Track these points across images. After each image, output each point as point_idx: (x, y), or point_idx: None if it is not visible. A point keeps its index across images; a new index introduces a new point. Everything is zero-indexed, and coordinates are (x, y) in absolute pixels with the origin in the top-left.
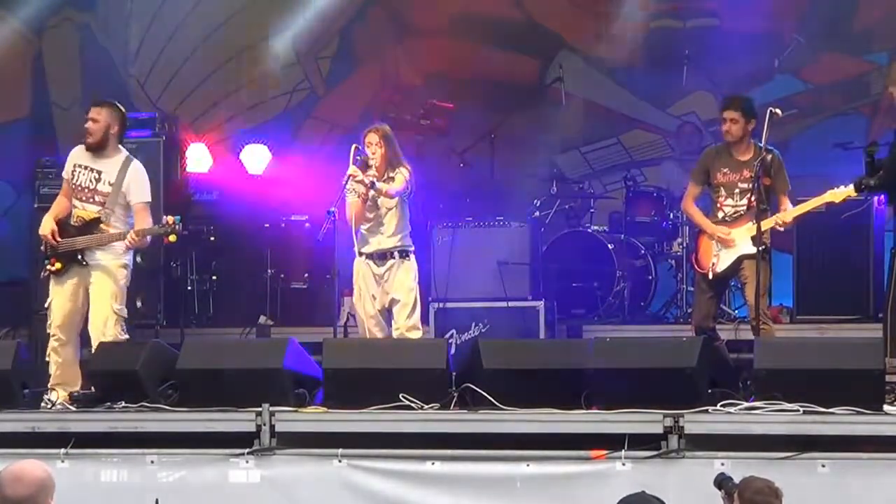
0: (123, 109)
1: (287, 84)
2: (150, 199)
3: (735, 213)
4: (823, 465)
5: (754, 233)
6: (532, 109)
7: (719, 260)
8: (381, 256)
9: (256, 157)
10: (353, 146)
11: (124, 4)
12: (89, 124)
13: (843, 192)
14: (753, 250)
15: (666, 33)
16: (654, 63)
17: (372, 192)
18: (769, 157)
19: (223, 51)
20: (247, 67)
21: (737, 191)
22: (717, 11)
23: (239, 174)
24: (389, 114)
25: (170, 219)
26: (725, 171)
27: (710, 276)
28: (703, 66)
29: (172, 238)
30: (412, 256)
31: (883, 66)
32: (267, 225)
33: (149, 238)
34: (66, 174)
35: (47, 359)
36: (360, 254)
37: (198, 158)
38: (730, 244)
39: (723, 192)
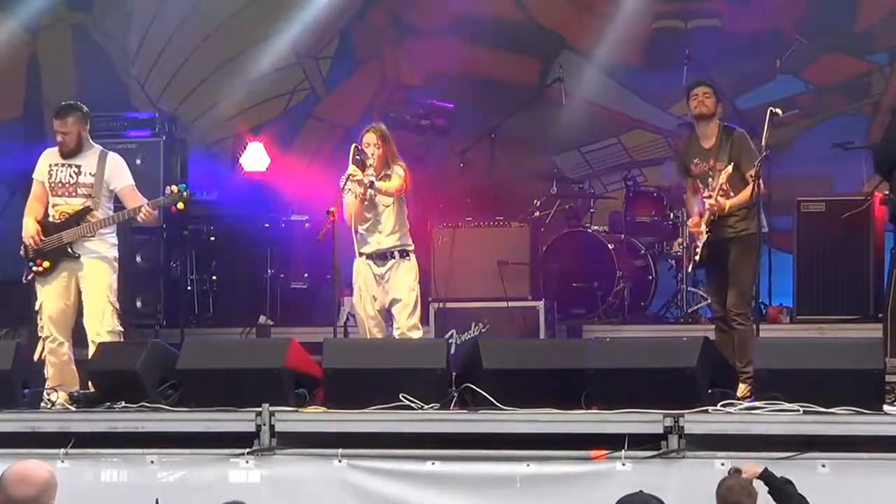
0: (85, 108)
1: (287, 84)
2: (133, 182)
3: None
4: (823, 465)
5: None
6: (532, 109)
7: (699, 250)
8: (381, 256)
9: (256, 157)
10: (353, 146)
11: (124, 4)
12: (60, 137)
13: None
14: (705, 237)
15: (667, 34)
16: (656, 63)
17: (371, 192)
18: (733, 140)
19: (223, 51)
20: (247, 67)
21: (710, 180)
22: (719, 12)
23: (239, 174)
24: (390, 114)
25: (174, 188)
26: (696, 161)
27: (690, 268)
28: (704, 66)
29: (181, 206)
30: (412, 256)
31: (883, 67)
32: (267, 225)
33: (156, 212)
34: (39, 176)
35: (38, 358)
36: (360, 254)
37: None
38: (699, 235)
39: (699, 183)
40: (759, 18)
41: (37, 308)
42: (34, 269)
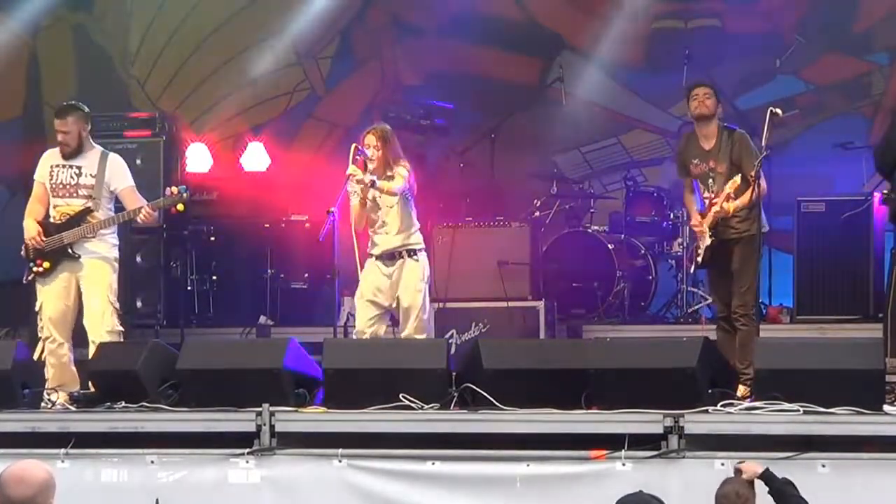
0: (85, 108)
1: (287, 84)
2: (133, 183)
3: (712, 203)
4: (823, 465)
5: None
6: (532, 109)
7: (701, 252)
8: (390, 257)
9: (256, 157)
10: (353, 146)
11: (124, 4)
12: (61, 136)
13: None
14: (709, 241)
15: (667, 33)
16: (656, 63)
17: (373, 192)
18: (733, 141)
19: (223, 51)
20: (247, 67)
21: (710, 181)
22: (719, 12)
23: (239, 174)
24: (389, 114)
25: (174, 189)
26: (696, 162)
27: (692, 269)
28: (704, 66)
29: (181, 207)
30: (421, 255)
31: (884, 67)
32: (267, 225)
33: (156, 213)
34: (40, 177)
35: (37, 358)
36: (370, 255)
37: (198, 158)
38: (702, 234)
39: (700, 183)
40: (758, 18)
41: (37, 309)
42: (34, 269)
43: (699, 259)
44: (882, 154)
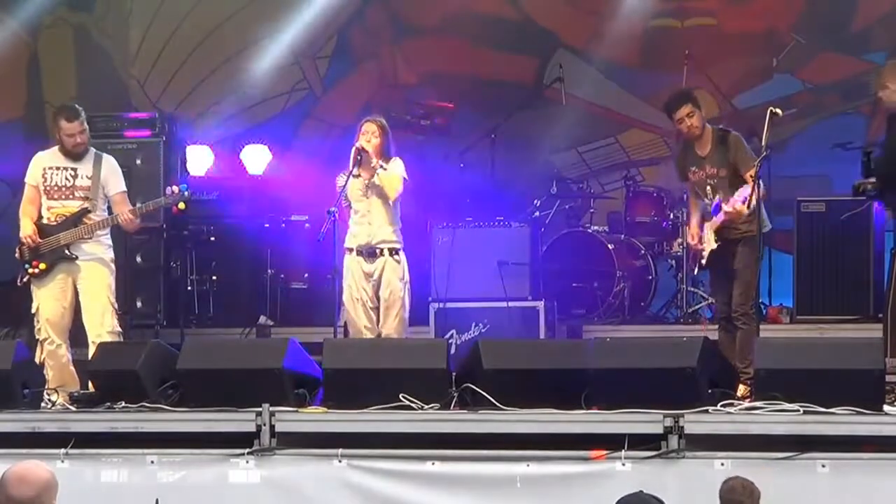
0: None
1: (285, 84)
2: (126, 189)
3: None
4: (823, 465)
5: (716, 227)
6: (531, 109)
7: (705, 255)
8: (371, 253)
9: (256, 157)
10: (354, 148)
11: (124, 4)
12: (80, 138)
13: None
14: (714, 245)
15: (664, 33)
16: (652, 62)
17: (363, 181)
18: (728, 145)
19: (223, 51)
20: (246, 67)
21: (707, 188)
22: (715, 11)
23: (239, 174)
24: (390, 113)
25: (175, 188)
26: (694, 169)
27: (696, 271)
28: (701, 65)
29: (182, 206)
30: (402, 254)
31: (882, 67)
32: (267, 225)
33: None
34: (33, 180)
35: (39, 361)
36: (349, 249)
37: (198, 158)
38: (698, 247)
39: (698, 190)
40: (755, 17)
41: (34, 311)
42: (30, 270)
43: (703, 262)
44: (886, 163)
